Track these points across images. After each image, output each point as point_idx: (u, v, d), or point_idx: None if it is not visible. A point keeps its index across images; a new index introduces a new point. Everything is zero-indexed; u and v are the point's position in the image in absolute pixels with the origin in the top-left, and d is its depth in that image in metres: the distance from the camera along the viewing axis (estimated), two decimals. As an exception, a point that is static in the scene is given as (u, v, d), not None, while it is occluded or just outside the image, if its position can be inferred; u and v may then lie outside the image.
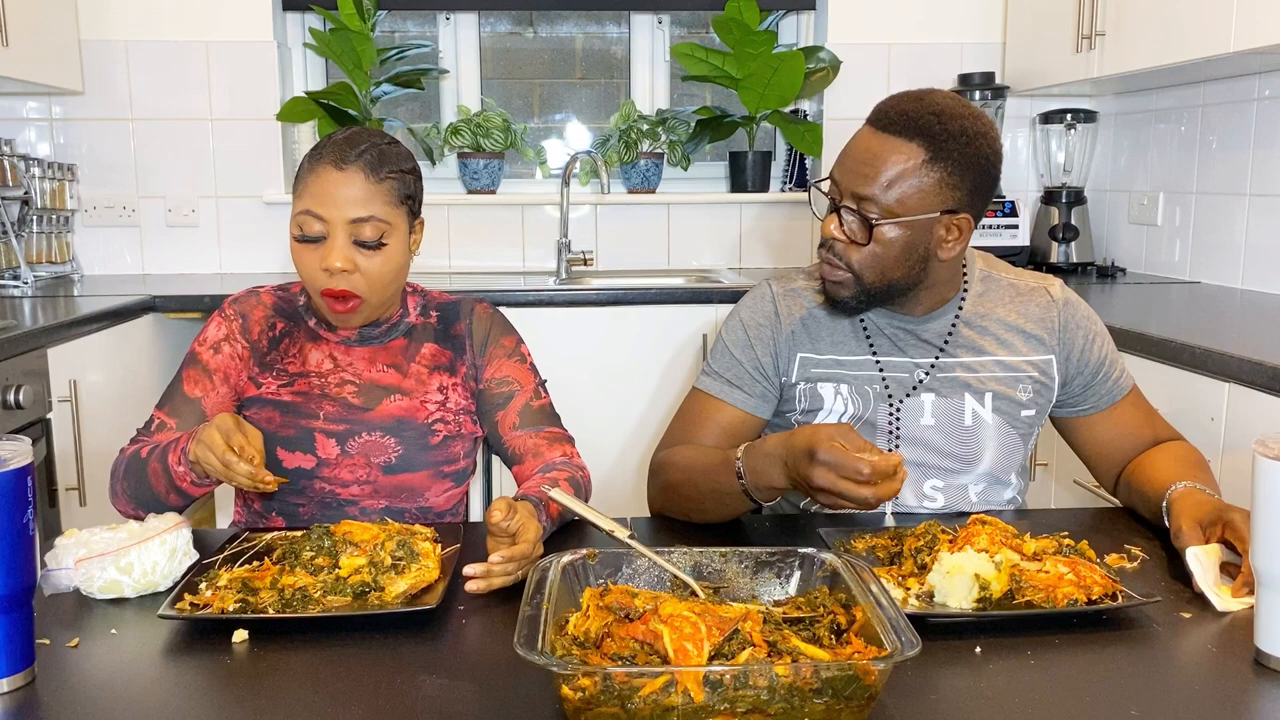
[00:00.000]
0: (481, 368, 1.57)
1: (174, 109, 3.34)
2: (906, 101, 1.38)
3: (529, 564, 1.13)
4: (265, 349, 1.54)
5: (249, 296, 1.58)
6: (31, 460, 0.95)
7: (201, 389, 1.51)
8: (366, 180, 1.42)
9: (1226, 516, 1.21)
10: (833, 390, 1.49)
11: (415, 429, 1.52)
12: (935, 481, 1.50)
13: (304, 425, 1.49)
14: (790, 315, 1.52)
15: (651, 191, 3.52)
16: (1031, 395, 1.50)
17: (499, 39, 3.67)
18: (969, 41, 3.49)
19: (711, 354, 1.57)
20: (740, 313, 1.56)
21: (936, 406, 1.48)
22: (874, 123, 1.39)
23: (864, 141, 1.38)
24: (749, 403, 1.51)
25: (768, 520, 1.45)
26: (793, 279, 1.57)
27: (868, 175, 1.36)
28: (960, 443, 1.49)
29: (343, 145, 1.44)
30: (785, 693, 0.82)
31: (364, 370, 1.53)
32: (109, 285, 3.04)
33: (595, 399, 2.90)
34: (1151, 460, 1.46)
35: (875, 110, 1.40)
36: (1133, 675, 0.99)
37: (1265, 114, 2.74)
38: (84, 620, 1.11)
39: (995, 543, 1.15)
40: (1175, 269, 3.12)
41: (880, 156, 1.35)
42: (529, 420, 1.55)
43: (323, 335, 1.54)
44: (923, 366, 1.49)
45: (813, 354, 1.51)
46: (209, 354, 1.53)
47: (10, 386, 2.10)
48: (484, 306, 1.62)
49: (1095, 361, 1.52)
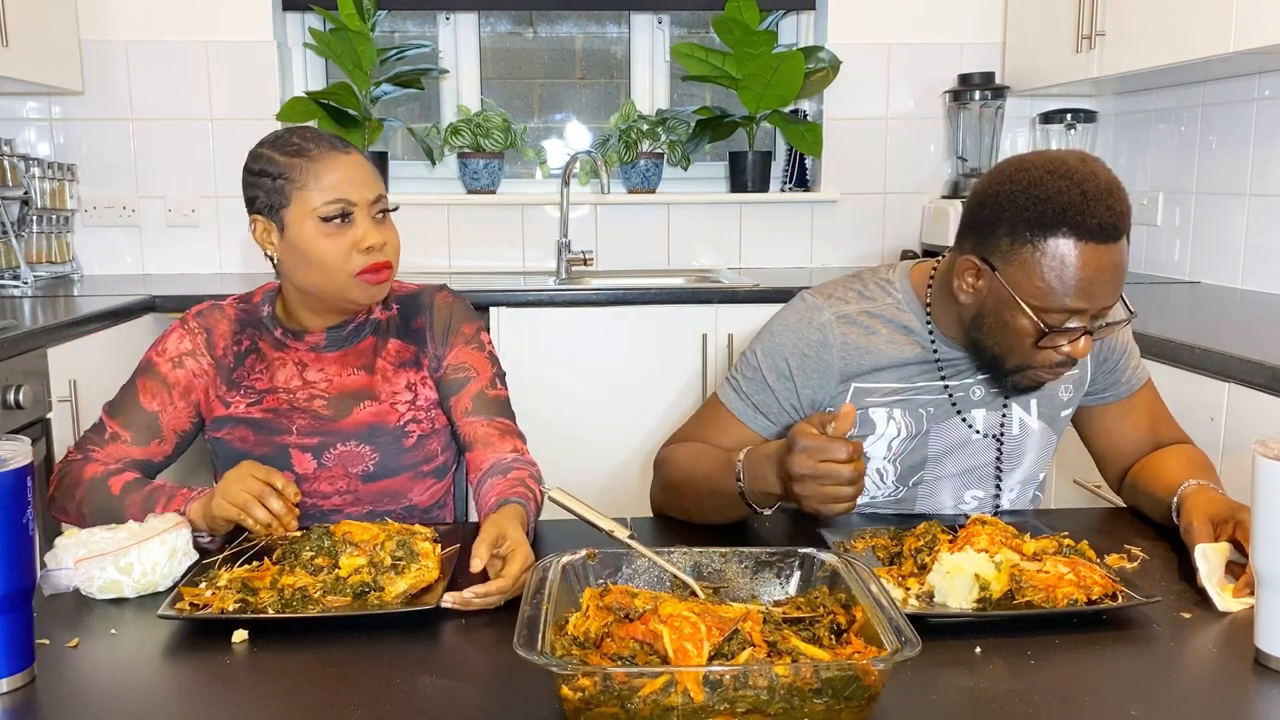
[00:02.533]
0: (442, 356, 1.56)
1: (174, 109, 3.34)
2: (1113, 201, 1.26)
3: (513, 592, 1.12)
4: (231, 365, 1.52)
5: (212, 310, 1.56)
6: (31, 460, 0.95)
7: (159, 402, 1.49)
8: (364, 160, 1.49)
9: (1238, 516, 1.22)
10: (885, 415, 1.45)
11: (389, 434, 1.51)
12: (976, 491, 1.50)
13: (277, 442, 1.48)
14: (844, 347, 1.44)
15: (651, 191, 3.52)
16: (1072, 393, 1.51)
17: (499, 39, 3.67)
18: (969, 41, 3.49)
19: (742, 366, 1.50)
20: (783, 338, 1.46)
21: (985, 420, 1.47)
22: (1104, 239, 1.25)
23: (1107, 259, 1.26)
24: (769, 430, 1.47)
25: (768, 520, 1.45)
26: (844, 300, 1.47)
27: (1119, 287, 1.29)
28: (1006, 453, 1.49)
29: (326, 137, 1.48)
30: (785, 693, 0.82)
31: (335, 375, 1.52)
32: (109, 285, 3.04)
33: (595, 399, 2.90)
34: (1160, 461, 1.46)
35: (1096, 229, 1.25)
36: (1133, 675, 0.99)
37: (1265, 114, 2.74)
38: (84, 620, 1.11)
39: (995, 543, 1.15)
40: (1175, 269, 3.12)
41: (1121, 265, 1.28)
42: (481, 408, 1.53)
43: (289, 345, 1.53)
44: (988, 385, 1.45)
45: (871, 383, 1.44)
46: (168, 366, 1.51)
47: (10, 386, 2.10)
48: (444, 295, 1.60)
49: (1122, 345, 1.52)
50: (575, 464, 2.64)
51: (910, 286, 1.47)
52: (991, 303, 1.33)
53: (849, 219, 3.57)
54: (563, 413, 2.82)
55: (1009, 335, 1.33)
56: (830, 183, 3.55)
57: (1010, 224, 1.28)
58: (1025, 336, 1.31)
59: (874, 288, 1.48)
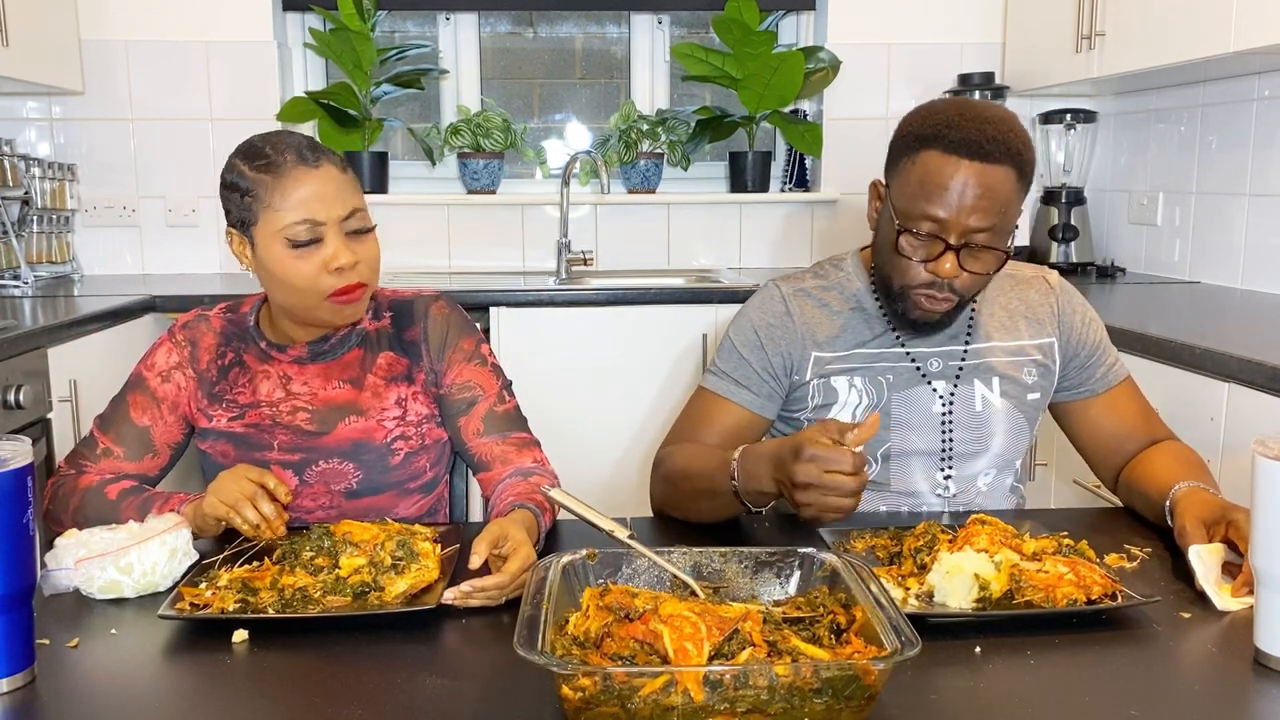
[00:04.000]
0: (441, 373, 1.51)
1: (174, 109, 3.34)
2: (989, 126, 1.35)
3: (512, 591, 1.12)
4: (214, 379, 1.49)
5: (198, 322, 1.53)
6: (32, 460, 0.95)
7: (150, 417, 1.48)
8: (339, 173, 1.41)
9: (1230, 516, 1.22)
10: (846, 383, 1.51)
11: (374, 451, 1.47)
12: (947, 470, 1.52)
13: (258, 458, 1.45)
14: (803, 315, 1.53)
15: (651, 191, 3.52)
16: (1036, 379, 1.54)
17: (499, 39, 3.67)
18: (969, 41, 3.49)
19: (718, 354, 1.57)
20: (749, 314, 1.56)
21: (947, 393, 1.51)
22: (970, 154, 1.34)
23: (972, 176, 1.34)
24: (755, 402, 1.52)
25: (768, 520, 1.45)
26: (800, 279, 1.58)
27: (987, 210, 1.35)
28: (972, 428, 1.52)
29: (297, 148, 1.39)
30: (785, 693, 0.82)
31: (319, 389, 1.48)
32: (109, 285, 3.04)
33: (595, 399, 2.90)
34: (1152, 460, 1.47)
35: (960, 142, 1.34)
36: (1133, 675, 0.99)
37: (1265, 114, 2.74)
38: (84, 620, 1.11)
39: (995, 543, 1.15)
40: (1175, 269, 3.12)
41: (993, 188, 1.34)
42: (494, 426, 1.50)
43: (274, 356, 1.49)
44: (955, 355, 1.52)
45: (829, 351, 1.52)
46: (157, 381, 1.49)
47: (10, 386, 2.10)
48: (439, 305, 1.55)
49: (1092, 343, 1.56)
50: (575, 464, 2.62)
51: (860, 260, 1.58)
52: (883, 222, 1.46)
53: (849, 219, 3.56)
54: (562, 413, 2.82)
55: (886, 250, 1.43)
56: (830, 183, 3.55)
57: (902, 144, 1.42)
58: (892, 245, 1.41)
59: (827, 267, 1.60)
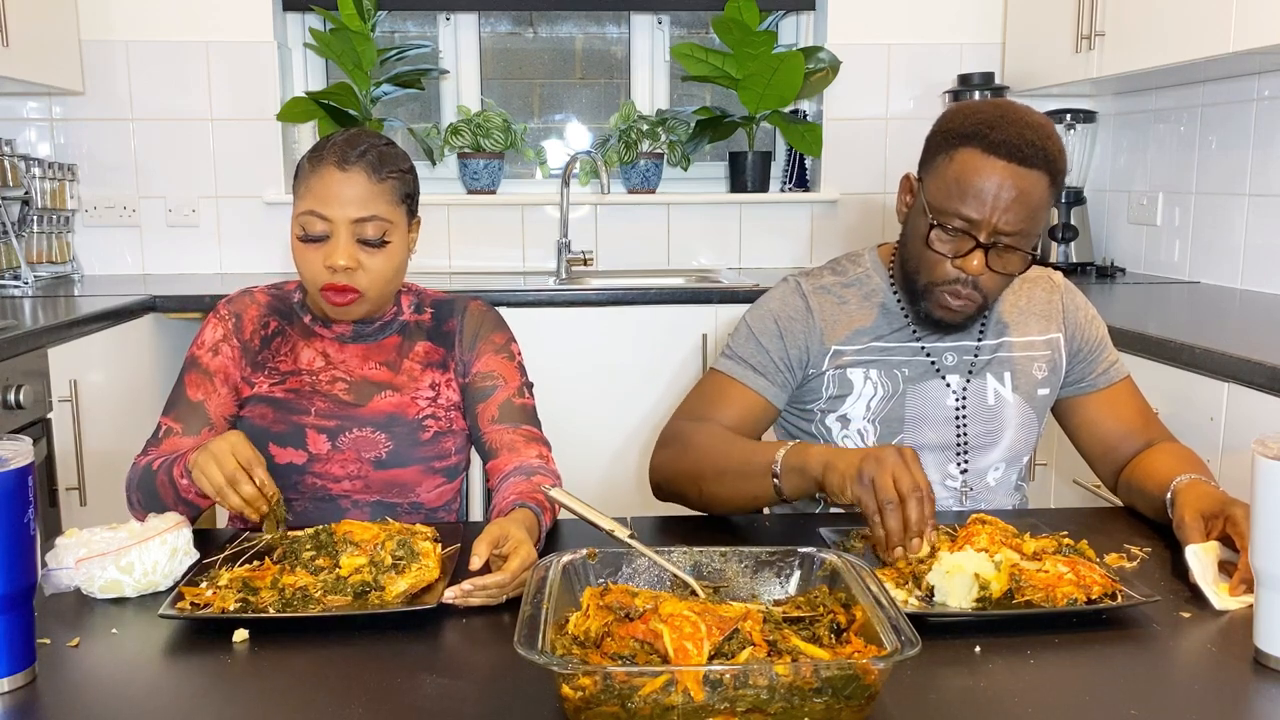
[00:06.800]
0: (469, 362, 1.57)
1: (174, 109, 3.34)
2: (1029, 131, 1.37)
3: (513, 590, 1.13)
4: (257, 348, 1.55)
5: (242, 296, 1.59)
6: (32, 460, 0.95)
7: (203, 392, 1.52)
8: (369, 180, 1.45)
9: (1229, 510, 1.22)
10: (862, 375, 1.53)
11: (406, 425, 1.52)
12: (963, 464, 1.54)
13: (295, 421, 1.50)
14: (822, 312, 1.55)
15: (651, 191, 3.52)
16: (1046, 374, 1.57)
17: (499, 39, 3.67)
18: (969, 41, 3.49)
19: (733, 339, 1.58)
20: (769, 304, 1.58)
21: (960, 387, 1.53)
22: (1009, 156, 1.36)
23: (1008, 178, 1.36)
24: (769, 390, 1.54)
25: (768, 520, 1.46)
26: (819, 275, 1.60)
27: (1019, 212, 1.37)
28: (984, 421, 1.54)
29: (344, 146, 1.46)
30: (785, 692, 0.82)
31: (356, 367, 1.54)
32: (109, 285, 3.04)
33: (595, 399, 2.90)
34: (1152, 458, 1.48)
35: (1000, 143, 1.36)
36: (1133, 675, 0.99)
37: (1265, 114, 2.74)
38: (84, 620, 1.11)
39: (995, 542, 1.16)
40: (1175, 269, 3.12)
41: (1027, 192, 1.37)
42: (508, 416, 1.54)
43: (317, 331, 1.56)
44: (969, 350, 1.54)
45: (846, 345, 1.53)
46: (208, 356, 1.54)
47: (10, 386, 2.10)
48: (478, 304, 1.63)
49: (1094, 340, 1.60)
50: (575, 463, 2.62)
51: (877, 257, 1.61)
52: (913, 216, 1.48)
53: (849, 219, 3.57)
54: (562, 412, 2.79)
55: (915, 242, 1.46)
56: (830, 183, 3.55)
57: (940, 140, 1.43)
58: (922, 239, 1.43)
59: (845, 263, 1.62)
